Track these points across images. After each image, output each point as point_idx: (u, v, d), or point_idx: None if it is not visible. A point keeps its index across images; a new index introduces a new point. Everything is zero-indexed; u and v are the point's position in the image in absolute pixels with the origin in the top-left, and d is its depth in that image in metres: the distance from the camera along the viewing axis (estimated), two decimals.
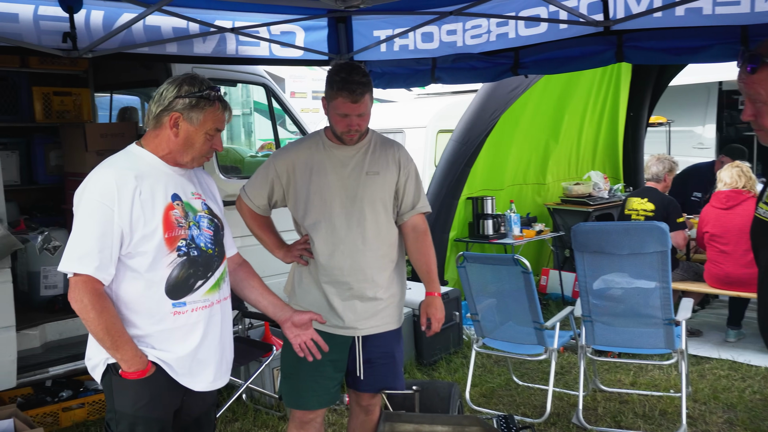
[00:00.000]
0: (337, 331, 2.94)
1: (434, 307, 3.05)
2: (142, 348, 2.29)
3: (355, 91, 2.74)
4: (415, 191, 3.02)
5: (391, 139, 3.10)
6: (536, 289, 7.28)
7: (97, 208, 2.20)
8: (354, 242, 2.90)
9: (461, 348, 5.58)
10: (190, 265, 2.32)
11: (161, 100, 2.31)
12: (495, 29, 4.51)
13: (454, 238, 6.65)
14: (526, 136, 7.22)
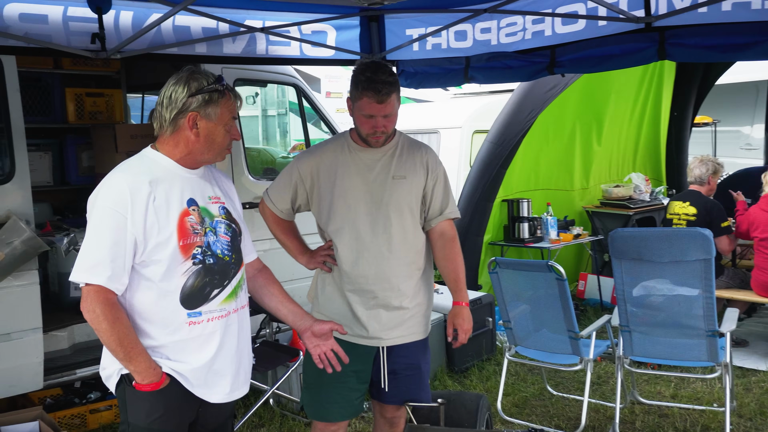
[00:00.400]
0: (361, 341, 2.84)
1: (462, 317, 2.92)
2: (156, 359, 2.22)
3: (381, 90, 2.63)
4: (443, 196, 2.90)
5: (420, 142, 2.99)
6: (574, 294, 7.23)
7: (110, 216, 2.13)
8: (379, 249, 2.79)
9: (494, 355, 5.44)
10: (206, 274, 2.25)
11: (173, 103, 2.23)
12: (531, 27, 4.38)
13: (489, 241, 6.50)
14: (563, 136, 7.03)
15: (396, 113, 2.75)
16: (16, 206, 3.80)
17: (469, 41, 4.70)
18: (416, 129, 8.50)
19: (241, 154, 4.99)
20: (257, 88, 7.97)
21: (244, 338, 2.42)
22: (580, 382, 4.74)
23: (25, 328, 3.85)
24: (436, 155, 2.96)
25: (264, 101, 10.90)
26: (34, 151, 5.04)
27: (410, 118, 9.03)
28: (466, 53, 4.67)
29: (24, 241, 3.63)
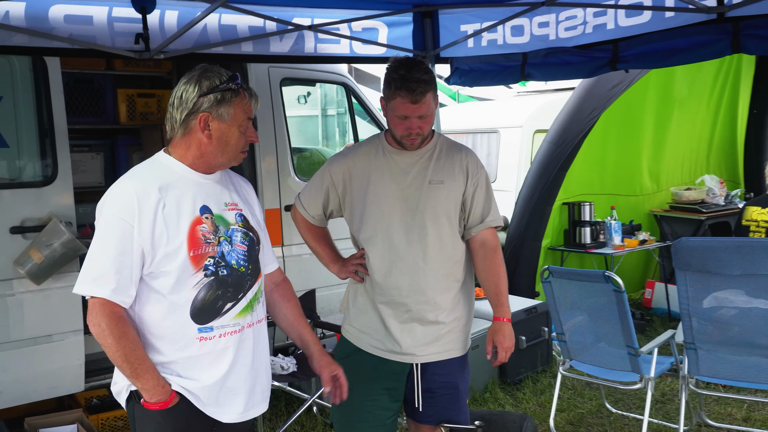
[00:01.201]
0: (393, 357, 2.66)
1: (502, 334, 2.69)
2: (165, 375, 2.10)
3: (415, 90, 2.44)
4: (484, 203, 2.69)
5: (460, 144, 2.78)
6: (640, 303, 6.86)
7: (116, 224, 2.01)
8: (414, 259, 2.61)
9: (550, 366, 5.17)
10: (219, 286, 2.11)
11: (183, 103, 2.10)
12: (592, 20, 4.14)
13: (548, 246, 6.21)
14: (629, 136, 6.67)
15: (433, 113, 2.56)
16: (58, 208, 3.80)
17: (526, 36, 4.49)
18: (475, 128, 8.25)
19: (287, 155, 4.89)
20: (309, 87, 7.86)
21: (261, 354, 2.28)
22: (642, 399, 4.43)
23: (66, 330, 3.85)
24: (477, 158, 2.75)
25: (323, 101, 10.85)
26: (86, 152, 5.10)
27: (469, 117, 8.79)
28: (523, 49, 4.46)
29: (63, 243, 3.61)
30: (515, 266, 6.07)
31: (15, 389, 3.75)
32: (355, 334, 2.74)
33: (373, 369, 2.68)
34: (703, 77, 7.12)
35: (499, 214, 2.75)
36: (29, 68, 3.83)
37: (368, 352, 2.69)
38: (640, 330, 5.91)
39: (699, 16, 3.52)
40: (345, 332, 2.80)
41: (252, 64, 4.77)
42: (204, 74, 2.10)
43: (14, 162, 3.78)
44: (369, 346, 2.69)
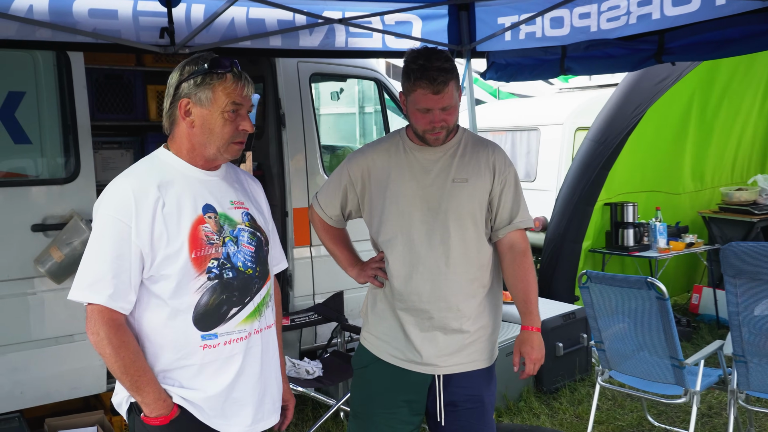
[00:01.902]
0: (414, 368, 2.49)
1: (530, 345, 2.50)
2: (167, 386, 1.96)
3: (437, 79, 2.27)
4: (513, 203, 2.51)
5: (487, 140, 2.60)
6: (686, 308, 6.55)
7: (112, 225, 1.88)
8: (436, 263, 2.44)
9: (589, 375, 4.93)
10: (223, 290, 1.97)
11: (167, 90, 1.98)
12: (636, 10, 3.94)
13: (588, 248, 5.96)
14: (676, 133, 6.37)
15: (456, 105, 2.39)
16: (80, 206, 3.72)
17: (566, 28, 4.31)
18: (514, 126, 8.03)
19: (317, 152, 4.76)
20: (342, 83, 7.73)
21: (270, 362, 2.14)
22: (686, 412, 4.17)
23: None
24: (505, 155, 2.56)
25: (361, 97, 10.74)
26: (116, 149, 5.04)
27: (509, 115, 8.56)
28: (563, 42, 4.28)
29: (84, 241, 3.53)
30: (554, 269, 5.84)
31: (36, 389, 3.71)
32: (373, 342, 2.59)
33: (392, 380, 2.52)
34: (756, 69, 6.74)
35: (529, 214, 2.57)
36: (53, 63, 3.77)
37: (387, 361, 2.53)
38: (686, 337, 5.63)
39: (752, 3, 3.28)
40: (363, 340, 2.64)
41: (281, 59, 4.64)
42: (190, 60, 1.98)
43: (37, 159, 3.73)
44: (388, 355, 2.53)
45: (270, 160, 4.74)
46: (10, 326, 3.62)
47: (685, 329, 5.70)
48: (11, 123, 3.61)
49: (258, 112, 4.82)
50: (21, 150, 3.67)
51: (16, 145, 3.64)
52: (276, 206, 4.75)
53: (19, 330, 3.64)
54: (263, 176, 4.81)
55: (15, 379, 3.64)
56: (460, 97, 2.42)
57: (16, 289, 3.62)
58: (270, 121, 4.75)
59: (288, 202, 4.64)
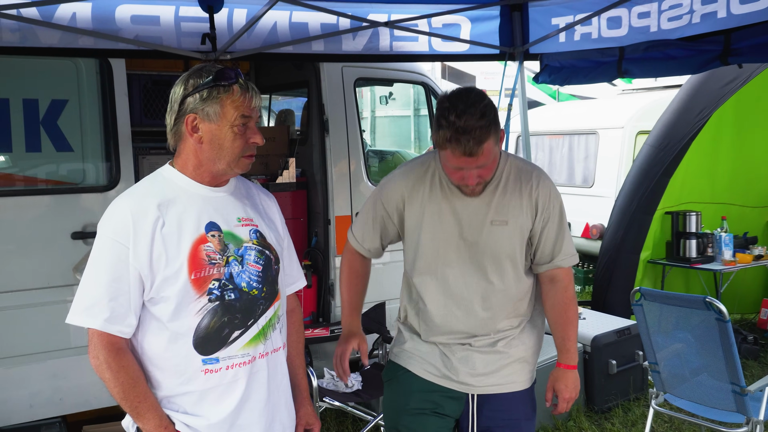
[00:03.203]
0: (448, 384, 2.36)
1: (564, 383, 2.37)
2: (170, 412, 1.89)
3: (470, 142, 2.05)
4: (555, 240, 2.32)
5: (532, 168, 2.38)
6: (754, 325, 6.17)
7: (110, 247, 1.81)
8: (471, 305, 2.31)
9: (644, 394, 4.66)
10: (224, 312, 1.88)
11: (171, 105, 1.89)
12: (699, 8, 3.73)
13: (647, 259, 5.67)
14: (745, 139, 6.02)
15: (495, 158, 2.18)
16: None
17: (623, 29, 4.13)
18: (572, 129, 7.78)
19: (360, 159, 4.66)
20: (391, 87, 7.64)
21: (279, 387, 2.03)
22: None
23: None
24: (550, 186, 2.36)
25: (416, 101, 10.63)
26: (163, 154, 5.07)
27: (567, 117, 8.31)
28: (620, 43, 4.12)
29: None
30: (609, 281, 5.59)
31: (76, 396, 3.74)
32: (404, 357, 2.45)
33: (424, 390, 2.38)
34: None
35: (573, 250, 2.37)
36: (95, 71, 3.79)
37: (420, 375, 2.39)
38: (753, 356, 5.29)
39: None
40: (395, 357, 2.50)
41: (325, 63, 4.57)
42: (194, 73, 1.88)
43: (78, 166, 3.76)
44: (422, 370, 2.39)
45: (313, 167, 4.68)
46: (51, 333, 3.65)
47: (752, 347, 5.36)
48: (54, 131, 3.66)
49: (302, 117, 4.76)
50: (63, 158, 3.71)
51: (58, 153, 3.68)
52: (318, 214, 4.68)
53: (60, 337, 3.67)
54: (306, 183, 4.75)
55: (55, 386, 3.68)
56: (501, 145, 2.21)
57: (57, 296, 3.65)
58: (313, 127, 4.69)
59: (331, 210, 4.56)
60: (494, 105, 2.14)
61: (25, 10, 3.30)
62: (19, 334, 3.57)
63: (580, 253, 7.68)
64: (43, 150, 3.62)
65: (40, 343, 3.62)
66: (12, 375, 3.56)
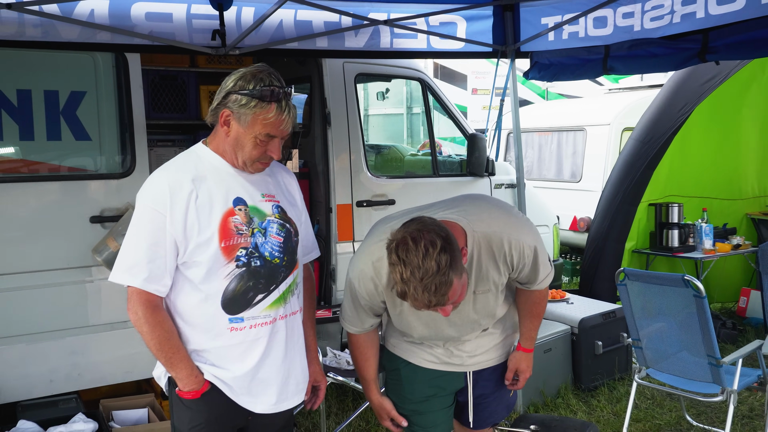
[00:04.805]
0: (448, 368, 2.55)
1: (526, 363, 2.60)
2: (199, 364, 2.13)
3: (432, 301, 1.96)
4: (530, 274, 2.36)
5: (500, 233, 2.25)
6: (734, 312, 6.43)
7: (149, 215, 2.04)
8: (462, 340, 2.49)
9: (628, 374, 4.91)
10: (250, 277, 2.11)
11: (219, 91, 2.10)
12: (680, 8, 3.95)
13: (633, 248, 5.93)
14: (724, 134, 6.26)
15: (463, 285, 2.04)
16: (135, 199, 3.92)
17: (609, 28, 4.34)
18: (560, 126, 8.02)
19: (360, 151, 4.88)
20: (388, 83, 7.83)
21: (295, 346, 2.27)
22: (726, 413, 4.14)
23: None
24: (522, 242, 2.26)
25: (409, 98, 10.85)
26: (169, 146, 5.25)
27: (555, 115, 8.55)
28: (606, 41, 4.31)
29: None
30: (596, 269, 5.84)
31: (92, 372, 3.92)
32: (403, 349, 2.56)
33: (426, 377, 2.55)
34: None
35: (548, 275, 2.40)
36: (112, 65, 3.97)
37: (420, 365, 2.54)
38: (731, 340, 5.56)
39: None
40: (392, 347, 2.61)
41: (327, 59, 4.77)
42: (247, 75, 2.07)
43: (96, 155, 3.93)
44: (422, 360, 2.54)
45: (315, 158, 4.88)
46: (70, 312, 3.83)
47: (730, 332, 5.63)
48: (73, 121, 3.83)
49: (304, 111, 4.95)
50: (81, 146, 3.87)
51: (77, 141, 3.85)
52: (320, 203, 4.88)
53: (78, 315, 3.85)
54: (309, 173, 4.95)
55: (73, 362, 3.85)
56: (465, 259, 2.08)
57: (76, 277, 3.83)
58: (316, 120, 4.89)
59: (332, 199, 4.76)
60: (449, 243, 1.97)
61: (47, 7, 3.48)
62: (39, 313, 3.74)
63: (568, 246, 7.94)
64: (63, 139, 3.79)
65: (59, 321, 3.79)
66: (33, 351, 3.73)
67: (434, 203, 2.41)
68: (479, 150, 5.26)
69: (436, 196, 4.17)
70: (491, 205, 2.39)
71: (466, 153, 5.34)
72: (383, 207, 4.90)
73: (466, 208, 2.29)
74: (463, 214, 2.24)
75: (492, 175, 5.45)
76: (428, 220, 2.04)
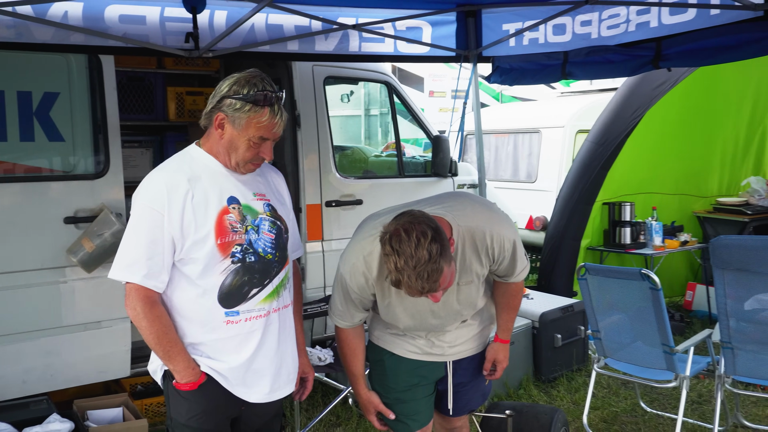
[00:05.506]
0: (430, 358, 2.68)
1: (503, 354, 2.76)
2: (195, 357, 2.22)
3: (424, 287, 2.09)
4: (508, 267, 2.52)
5: (483, 227, 2.39)
6: (681, 305, 6.76)
7: (147, 214, 2.13)
8: (444, 327, 2.62)
9: (586, 365, 5.16)
10: (245, 273, 2.21)
11: (214, 95, 2.20)
12: (634, 18, 4.15)
13: (588, 246, 6.19)
14: (674, 136, 6.57)
15: (452, 273, 2.17)
16: (110, 200, 3.95)
17: (567, 35, 4.52)
18: (517, 128, 8.25)
19: (329, 152, 4.98)
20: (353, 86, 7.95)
21: (286, 338, 2.38)
22: (677, 399, 4.39)
23: (115, 316, 4.00)
24: (503, 235, 2.41)
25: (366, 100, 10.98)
26: (136, 148, 5.27)
27: (512, 118, 8.78)
28: (565, 48, 4.49)
29: (114, 233, 3.76)
30: (553, 265, 6.07)
31: (66, 372, 3.92)
32: (387, 341, 2.68)
33: (410, 367, 2.67)
34: (750, 76, 6.97)
35: (524, 268, 2.57)
36: (85, 66, 3.98)
37: (403, 356, 2.66)
38: (679, 332, 5.85)
39: (746, 13, 3.50)
40: (376, 339, 2.73)
41: (296, 62, 4.86)
42: (241, 79, 2.15)
43: (69, 155, 3.93)
44: (405, 351, 2.66)
45: (285, 159, 4.96)
46: (43, 312, 3.84)
47: (678, 324, 5.93)
48: (46, 122, 3.83)
49: None
50: (55, 147, 3.87)
51: (50, 142, 3.85)
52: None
53: (52, 316, 3.86)
54: None
55: (47, 363, 3.85)
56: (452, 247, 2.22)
57: (49, 277, 3.84)
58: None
59: (302, 199, 4.85)
60: (439, 233, 2.09)
61: (21, 8, 3.48)
62: (14, 313, 3.73)
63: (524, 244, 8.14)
64: (36, 140, 3.79)
65: (33, 322, 3.80)
66: (6, 352, 3.73)
67: (420, 200, 2.54)
68: (443, 151, 5.42)
69: (403, 196, 4.30)
70: (474, 201, 2.53)
71: (431, 154, 5.49)
72: (351, 207, 5.02)
73: (451, 204, 2.43)
74: (449, 210, 2.38)
75: (455, 176, 5.62)
76: (418, 213, 2.17)
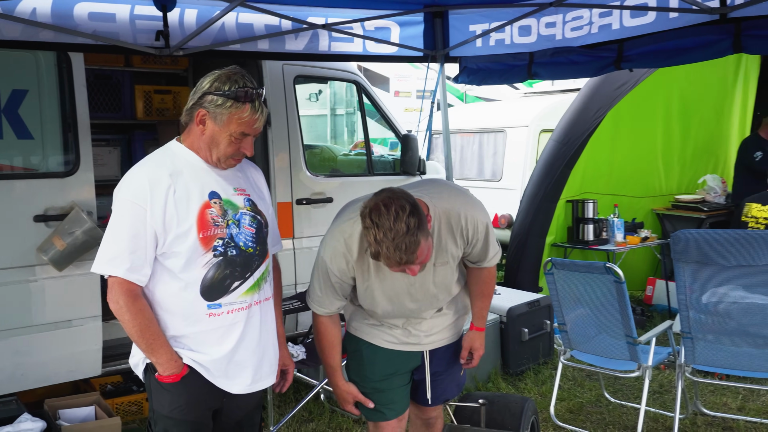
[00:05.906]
0: (407, 348, 2.75)
1: (479, 342, 2.85)
2: (178, 349, 2.25)
3: (402, 258, 2.18)
4: (481, 251, 2.61)
5: (458, 209, 2.51)
6: (641, 299, 6.96)
7: (130, 209, 2.15)
8: (421, 311, 2.68)
9: (551, 358, 5.29)
10: (227, 266, 2.25)
11: (195, 92, 2.23)
12: (597, 20, 4.27)
13: (552, 242, 6.33)
14: (634, 136, 6.77)
15: (429, 247, 2.27)
16: (80, 198, 3.93)
17: (533, 36, 4.61)
18: (482, 128, 8.37)
19: (300, 151, 5.02)
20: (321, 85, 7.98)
21: (268, 330, 2.42)
22: (640, 389, 4.54)
23: (86, 315, 3.98)
24: (476, 217, 2.52)
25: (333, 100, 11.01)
26: (103, 146, 5.23)
27: (476, 117, 8.90)
28: (530, 49, 4.59)
29: (85, 231, 3.75)
30: (519, 261, 6.20)
31: (36, 372, 3.89)
32: (364, 331, 2.75)
33: (386, 359, 2.74)
34: (708, 77, 7.22)
35: (496, 254, 2.67)
36: (54, 63, 3.95)
37: (381, 346, 2.72)
38: (640, 325, 6.00)
39: (702, 16, 3.63)
40: (354, 330, 2.79)
41: (267, 61, 4.89)
42: (222, 76, 2.19)
43: (38, 153, 3.90)
44: (382, 341, 2.72)
45: (255, 158, 4.97)
46: (13, 311, 3.80)
47: (639, 318, 6.09)
48: (15, 119, 3.79)
49: None
50: (23, 145, 3.84)
51: (19, 140, 3.82)
52: None
53: (21, 315, 3.82)
54: None
55: (17, 362, 3.81)
56: (429, 224, 2.32)
57: (19, 276, 3.81)
58: None
59: (273, 197, 4.89)
60: (417, 208, 2.19)
61: None
62: None
63: None
64: (4, 137, 3.75)
65: (2, 321, 3.76)
66: None
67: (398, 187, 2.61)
68: (412, 150, 5.49)
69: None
70: (450, 186, 2.66)
71: (400, 153, 5.56)
72: (322, 205, 5.06)
73: (428, 188, 2.54)
74: (426, 193, 2.48)
75: (423, 174, 5.70)
76: (397, 189, 2.27)
